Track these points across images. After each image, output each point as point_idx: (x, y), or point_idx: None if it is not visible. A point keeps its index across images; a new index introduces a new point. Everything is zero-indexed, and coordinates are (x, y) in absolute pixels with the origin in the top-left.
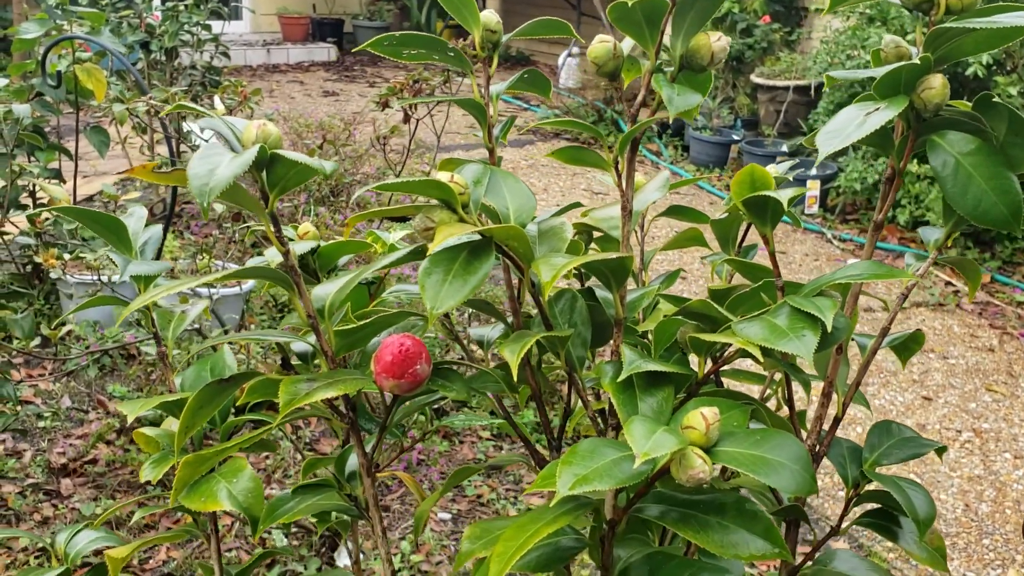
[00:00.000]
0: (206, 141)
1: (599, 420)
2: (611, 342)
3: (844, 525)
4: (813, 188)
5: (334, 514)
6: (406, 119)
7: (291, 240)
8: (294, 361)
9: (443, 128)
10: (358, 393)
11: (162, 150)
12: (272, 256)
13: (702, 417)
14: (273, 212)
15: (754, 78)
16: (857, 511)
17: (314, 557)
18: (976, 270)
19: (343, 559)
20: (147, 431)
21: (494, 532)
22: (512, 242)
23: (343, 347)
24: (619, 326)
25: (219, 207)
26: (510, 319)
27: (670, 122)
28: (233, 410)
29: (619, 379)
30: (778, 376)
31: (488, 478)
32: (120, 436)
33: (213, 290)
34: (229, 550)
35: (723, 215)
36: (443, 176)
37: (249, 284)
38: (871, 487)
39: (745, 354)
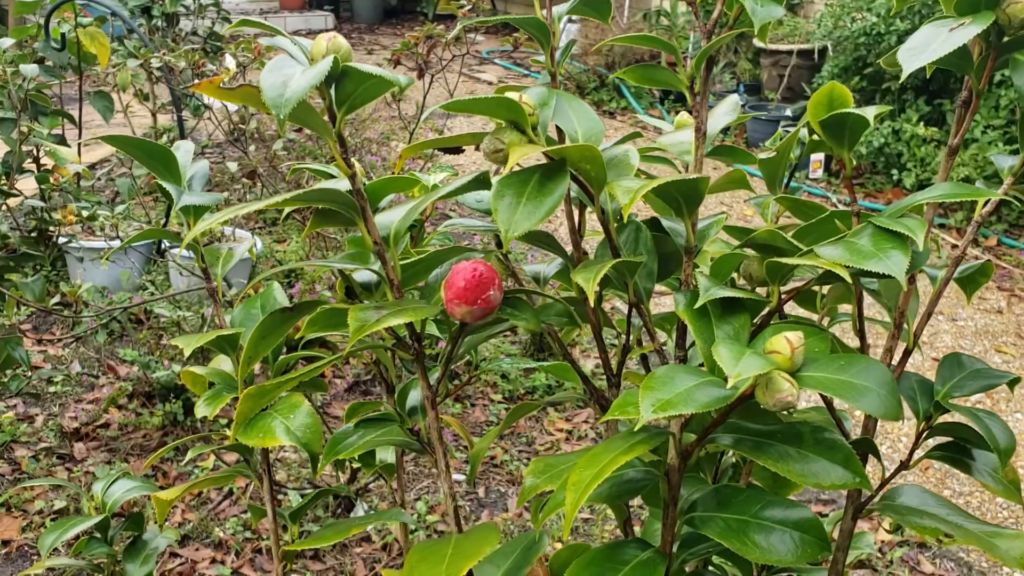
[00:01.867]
0: (208, 107)
1: (662, 355)
2: (681, 271)
3: (916, 457)
4: (818, 152)
5: (379, 459)
6: (420, 75)
7: (332, 177)
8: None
9: (455, 87)
10: (417, 327)
11: (163, 119)
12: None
13: (787, 341)
14: (340, 133)
15: (756, 42)
16: (929, 444)
17: (330, 518)
18: None
19: (359, 514)
20: (196, 369)
21: (557, 467)
22: (585, 164)
23: (404, 280)
24: (689, 255)
25: (232, 166)
26: (569, 251)
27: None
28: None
29: (696, 306)
30: (825, 322)
31: (502, 440)
32: (132, 400)
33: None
34: (244, 512)
35: (770, 154)
36: (512, 96)
37: (254, 247)
38: (942, 419)
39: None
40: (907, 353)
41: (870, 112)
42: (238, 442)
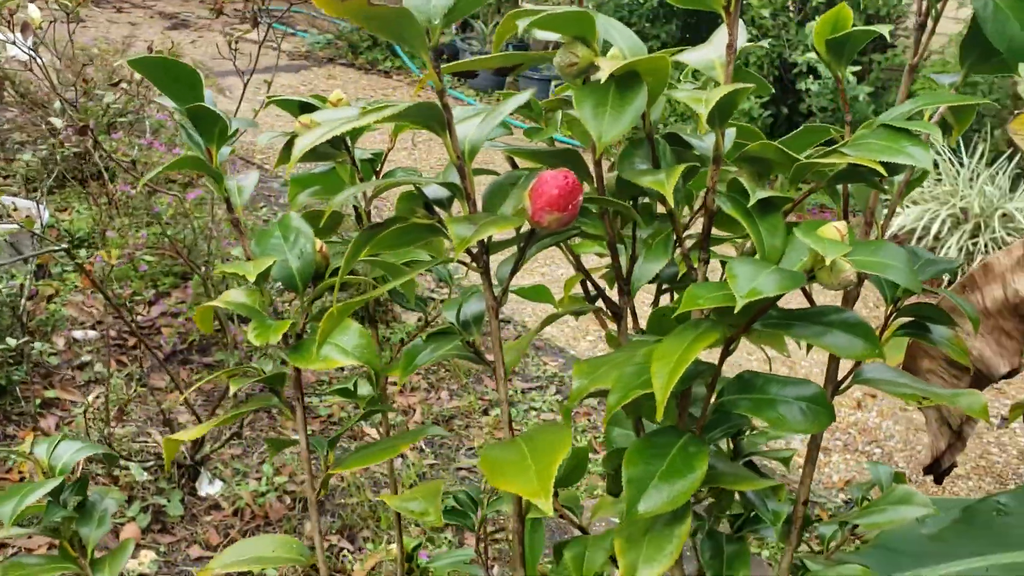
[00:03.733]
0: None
1: (690, 260)
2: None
3: (884, 336)
4: None
5: (360, 393)
6: (255, 24)
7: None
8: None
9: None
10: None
11: None
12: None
13: (836, 230)
14: (436, 46)
15: (524, 3)
16: (893, 326)
17: (175, 489)
18: (968, 114)
19: (205, 488)
20: (216, 302)
21: (600, 367)
22: (650, 77)
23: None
24: (717, 163)
25: (57, 121)
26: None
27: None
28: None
29: (749, 205)
30: None
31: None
32: None
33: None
34: None
35: None
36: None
37: (39, 217)
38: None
39: None
40: None
41: (885, 28)
42: (271, 374)
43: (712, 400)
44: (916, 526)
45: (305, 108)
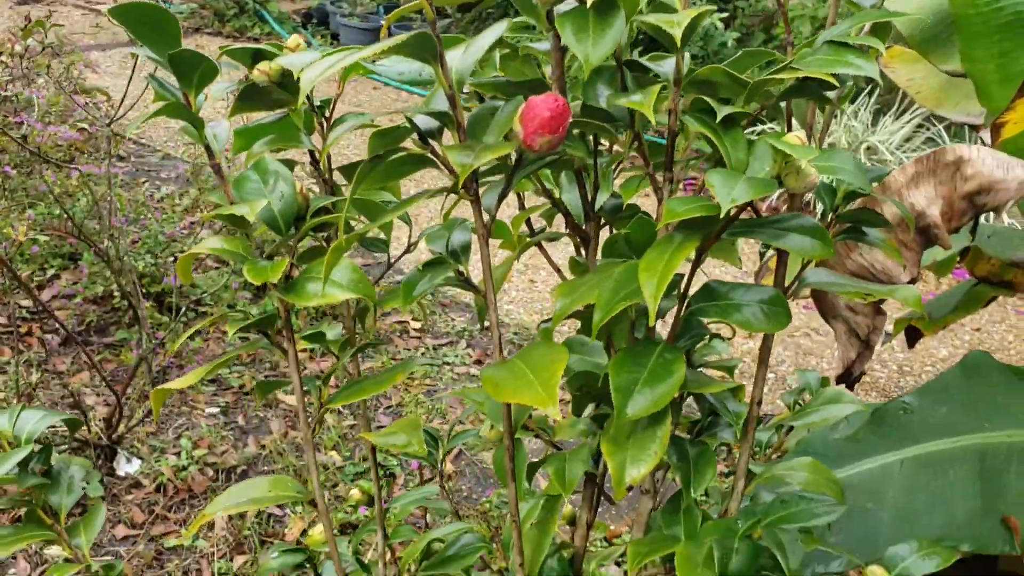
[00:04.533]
0: None
1: (657, 179)
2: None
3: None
4: None
5: (330, 337)
6: None
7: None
8: None
9: None
10: None
11: None
12: None
13: (797, 138)
14: None
15: None
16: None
17: (93, 470)
18: (886, 32)
19: (123, 467)
20: (208, 248)
21: (580, 287)
22: (624, 1)
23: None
24: (678, 85)
25: None
26: None
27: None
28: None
29: (716, 120)
30: None
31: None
32: None
33: None
34: None
35: None
36: None
37: None
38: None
39: None
40: None
41: None
42: (261, 316)
43: (683, 310)
44: (831, 432)
45: (258, 57)
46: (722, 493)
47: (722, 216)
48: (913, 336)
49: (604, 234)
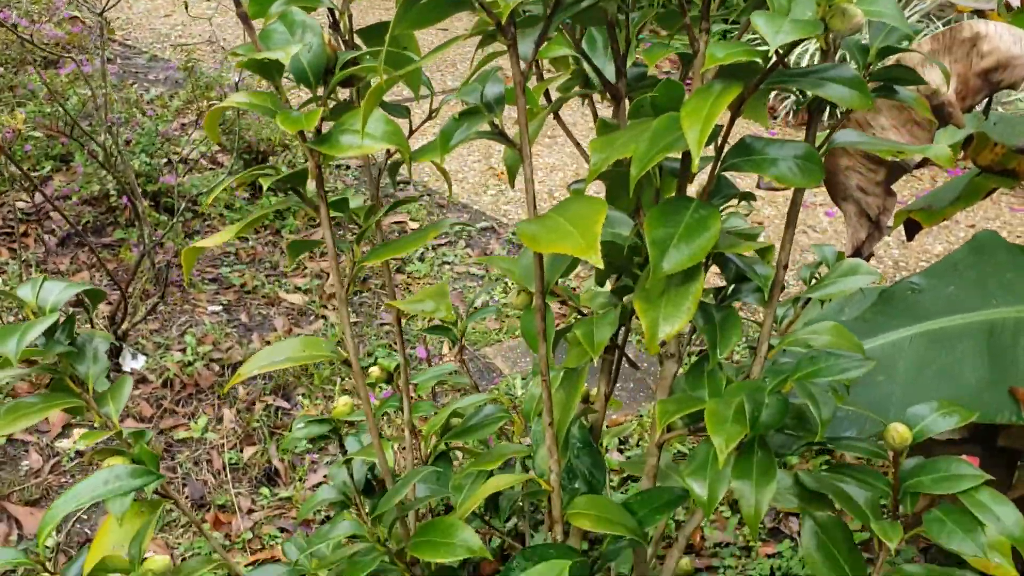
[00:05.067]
0: None
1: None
2: None
3: None
4: None
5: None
6: None
7: None
8: None
9: None
10: None
11: None
12: None
13: None
14: None
15: None
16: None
17: None
18: None
19: (128, 363)
20: (235, 102)
21: (615, 142)
22: None
23: None
24: None
25: None
26: None
27: None
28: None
29: None
30: None
31: None
32: None
33: None
34: None
35: None
36: None
37: None
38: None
39: None
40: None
41: None
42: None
43: (718, 165)
44: (838, 315)
45: None
46: (736, 369)
47: (770, 55)
48: (912, 229)
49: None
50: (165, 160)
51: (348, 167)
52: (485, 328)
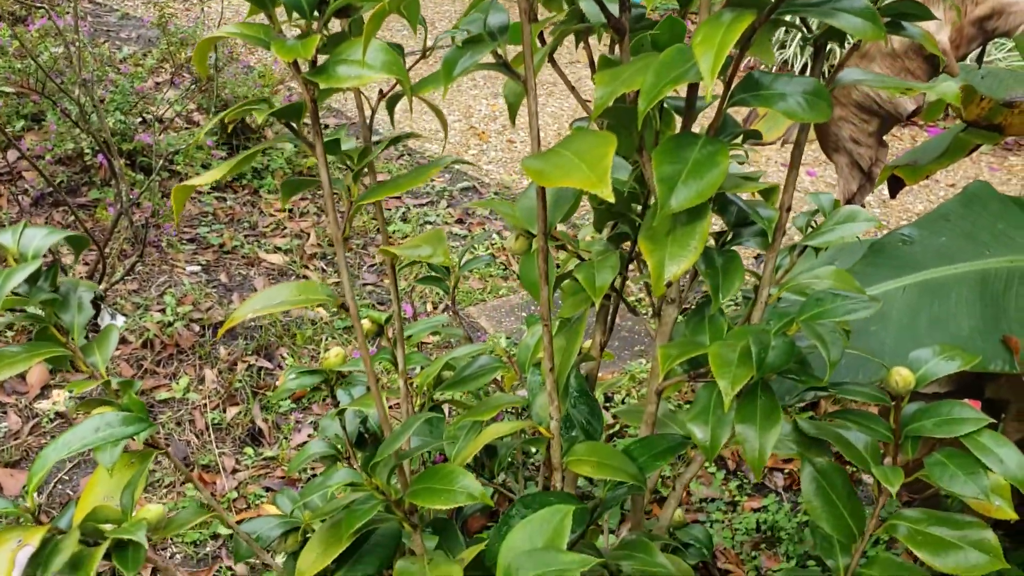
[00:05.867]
0: None
1: None
2: None
3: None
4: None
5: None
6: None
7: None
8: None
9: None
10: None
11: None
12: None
13: None
14: None
15: None
16: None
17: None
18: None
19: (107, 323)
20: (226, 32)
21: (622, 75)
22: None
23: None
24: None
25: None
26: None
27: None
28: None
29: None
30: None
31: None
32: None
33: None
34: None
35: None
36: None
37: None
38: None
39: None
40: None
41: None
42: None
43: (725, 100)
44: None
45: None
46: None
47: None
48: (895, 186)
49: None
50: (140, 119)
51: (327, 126)
52: (469, 288)
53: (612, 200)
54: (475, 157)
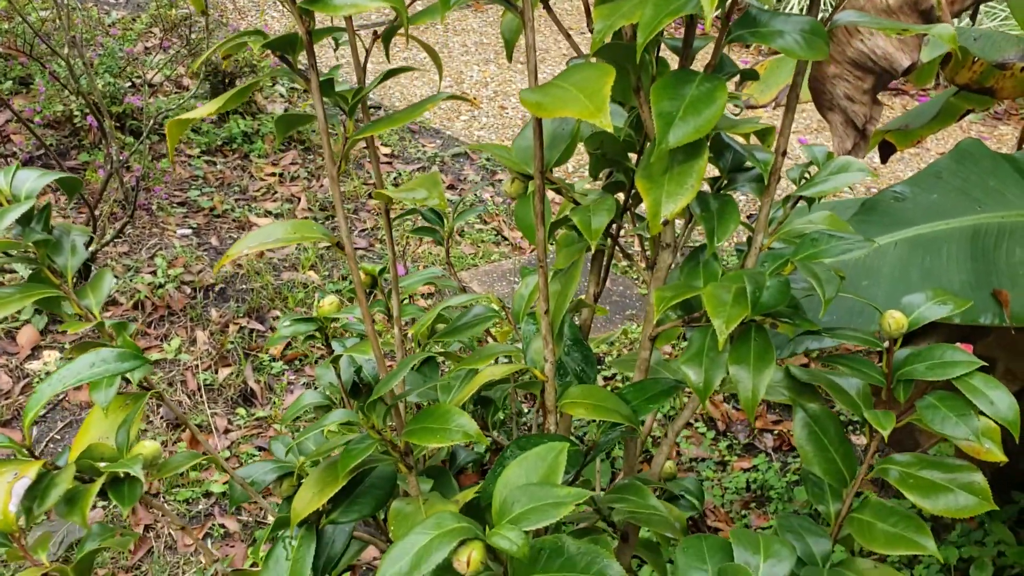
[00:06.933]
0: None
1: None
2: None
3: None
4: None
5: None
6: None
7: None
8: None
9: None
10: None
11: None
12: None
13: None
14: None
15: None
16: None
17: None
18: None
19: None
20: None
21: (621, 7)
22: None
23: None
24: None
25: None
26: None
27: None
28: None
29: None
30: None
31: None
32: None
33: None
34: None
35: None
36: None
37: None
38: None
39: None
40: None
41: None
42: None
43: (724, 37)
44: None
45: None
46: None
47: None
48: (886, 152)
49: None
50: (129, 83)
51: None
52: (461, 253)
53: (610, 129)
54: (466, 123)
